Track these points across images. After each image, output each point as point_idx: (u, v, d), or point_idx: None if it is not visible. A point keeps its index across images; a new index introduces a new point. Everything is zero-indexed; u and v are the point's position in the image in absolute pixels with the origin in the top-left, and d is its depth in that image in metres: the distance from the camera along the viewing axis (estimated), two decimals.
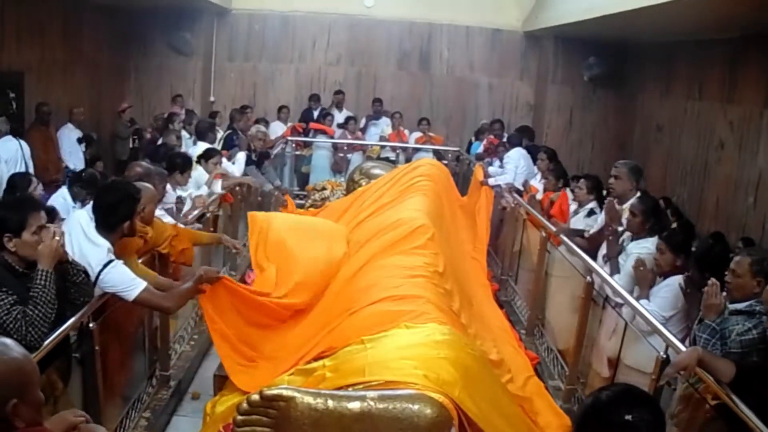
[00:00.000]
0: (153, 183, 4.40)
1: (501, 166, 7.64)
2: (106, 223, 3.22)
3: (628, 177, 4.74)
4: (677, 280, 3.82)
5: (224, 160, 6.73)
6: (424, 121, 9.86)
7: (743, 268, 3.15)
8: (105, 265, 3.10)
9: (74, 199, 5.26)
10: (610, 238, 4.41)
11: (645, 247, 4.20)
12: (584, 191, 5.40)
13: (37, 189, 5.05)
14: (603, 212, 4.98)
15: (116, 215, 3.23)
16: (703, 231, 6.61)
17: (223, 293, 3.61)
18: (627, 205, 4.59)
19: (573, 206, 5.61)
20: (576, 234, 5.08)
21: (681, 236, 4.00)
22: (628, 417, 1.64)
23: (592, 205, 5.30)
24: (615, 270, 4.26)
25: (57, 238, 2.69)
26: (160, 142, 7.39)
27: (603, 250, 4.64)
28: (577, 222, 5.27)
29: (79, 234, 3.17)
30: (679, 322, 3.72)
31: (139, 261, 3.66)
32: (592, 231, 4.96)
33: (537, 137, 9.51)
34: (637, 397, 1.75)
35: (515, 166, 7.36)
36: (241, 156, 6.98)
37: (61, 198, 5.30)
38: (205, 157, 6.10)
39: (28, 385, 1.64)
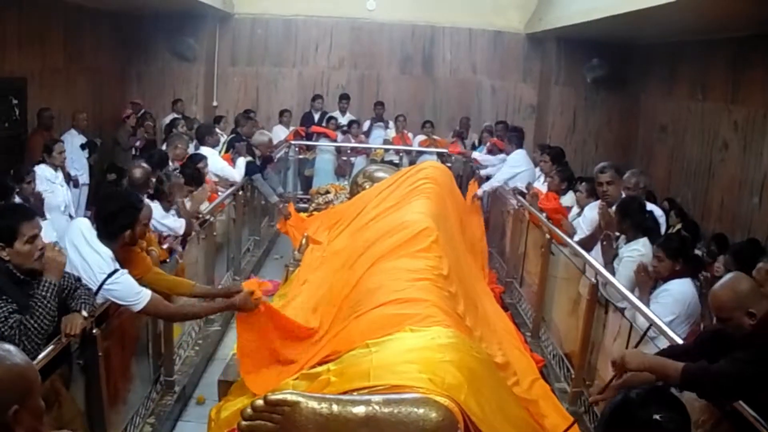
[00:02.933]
0: (172, 192, 4.67)
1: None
2: (106, 232, 3.26)
3: (618, 179, 4.83)
4: (676, 284, 3.84)
5: (225, 163, 6.73)
6: (428, 124, 9.86)
7: (763, 276, 3.12)
8: (110, 274, 3.14)
9: None
10: (605, 243, 4.41)
11: (635, 249, 4.22)
12: (585, 195, 5.37)
13: None
14: (585, 214, 5.02)
15: (116, 223, 3.27)
16: (708, 232, 6.59)
17: (257, 319, 3.54)
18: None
19: (576, 209, 5.57)
20: None
21: (675, 241, 4.03)
22: (657, 416, 1.67)
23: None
24: (610, 274, 4.25)
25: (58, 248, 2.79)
26: (164, 147, 7.34)
27: (595, 252, 4.65)
28: (579, 225, 5.24)
29: (81, 242, 3.21)
30: (679, 325, 3.69)
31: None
32: (583, 235, 4.96)
33: (540, 139, 9.53)
34: (667, 398, 1.77)
35: (512, 167, 7.34)
36: (241, 162, 6.96)
37: None
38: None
39: (30, 392, 1.63)
